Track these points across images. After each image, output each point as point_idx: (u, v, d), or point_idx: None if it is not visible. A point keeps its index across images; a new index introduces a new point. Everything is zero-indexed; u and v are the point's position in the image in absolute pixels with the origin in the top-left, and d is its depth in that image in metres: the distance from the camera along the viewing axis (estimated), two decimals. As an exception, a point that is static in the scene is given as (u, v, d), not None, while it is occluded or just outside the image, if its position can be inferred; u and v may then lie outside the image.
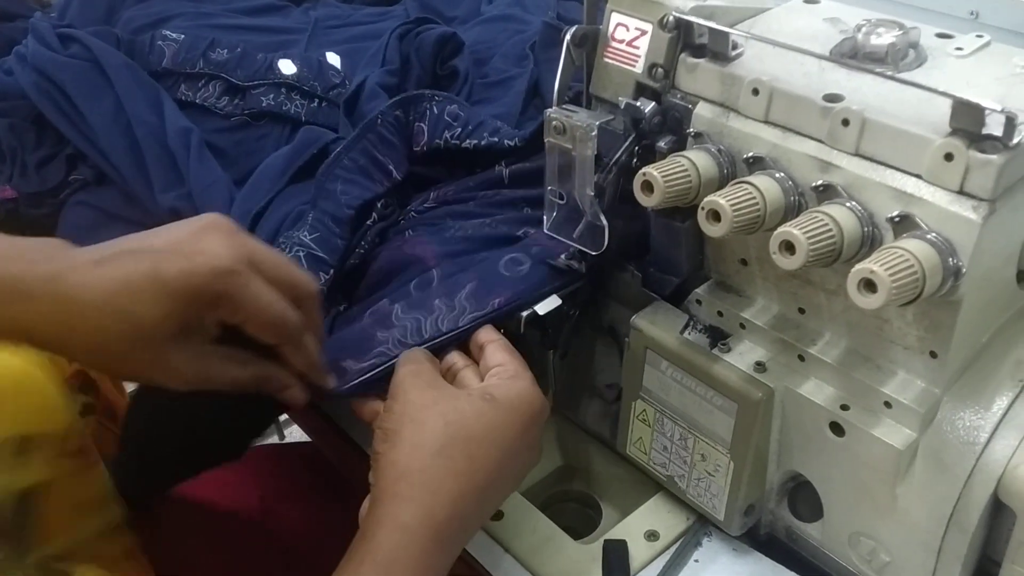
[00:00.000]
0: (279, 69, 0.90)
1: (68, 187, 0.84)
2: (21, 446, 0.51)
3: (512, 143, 0.72)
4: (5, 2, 1.43)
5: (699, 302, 0.57)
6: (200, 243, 0.49)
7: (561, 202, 0.58)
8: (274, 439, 1.71)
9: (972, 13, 0.87)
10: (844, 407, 0.51)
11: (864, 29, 0.50)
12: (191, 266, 0.47)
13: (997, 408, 0.47)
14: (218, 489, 0.83)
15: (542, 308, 0.61)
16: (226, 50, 0.92)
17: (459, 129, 0.73)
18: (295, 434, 1.63)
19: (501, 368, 0.54)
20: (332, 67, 0.97)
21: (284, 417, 1.55)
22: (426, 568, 0.47)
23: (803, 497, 0.56)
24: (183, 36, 0.92)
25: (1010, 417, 0.47)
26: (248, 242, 0.51)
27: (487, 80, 0.97)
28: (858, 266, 0.42)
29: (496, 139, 0.73)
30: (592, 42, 0.57)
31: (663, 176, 0.49)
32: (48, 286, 0.44)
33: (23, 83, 0.85)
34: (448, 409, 0.50)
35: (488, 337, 0.56)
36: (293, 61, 0.92)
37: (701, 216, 0.48)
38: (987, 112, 0.42)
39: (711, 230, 0.48)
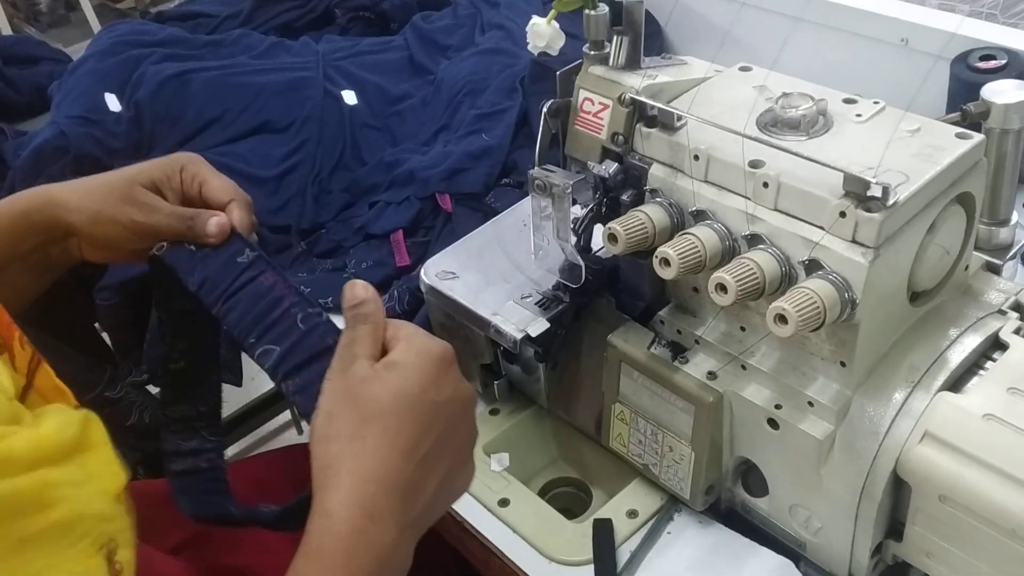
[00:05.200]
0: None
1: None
2: None
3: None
4: (28, 46, 1.54)
5: (662, 322, 0.70)
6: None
7: (545, 245, 0.71)
8: (292, 432, 1.83)
9: (903, 40, 0.99)
10: (778, 406, 0.63)
11: (781, 102, 0.62)
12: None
13: (894, 404, 0.60)
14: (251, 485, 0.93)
15: (534, 330, 0.73)
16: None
17: None
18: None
19: (395, 337, 0.54)
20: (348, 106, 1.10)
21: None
22: (361, 546, 0.49)
23: (752, 477, 0.69)
24: None
25: (904, 411, 0.59)
26: None
27: (480, 111, 1.10)
28: (772, 304, 0.54)
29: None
30: (565, 112, 0.69)
31: (625, 230, 0.62)
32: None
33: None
34: (357, 393, 0.52)
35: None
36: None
37: (655, 262, 0.60)
38: (870, 182, 0.54)
39: (663, 273, 0.60)
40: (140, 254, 0.66)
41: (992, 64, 0.89)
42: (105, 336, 1.19)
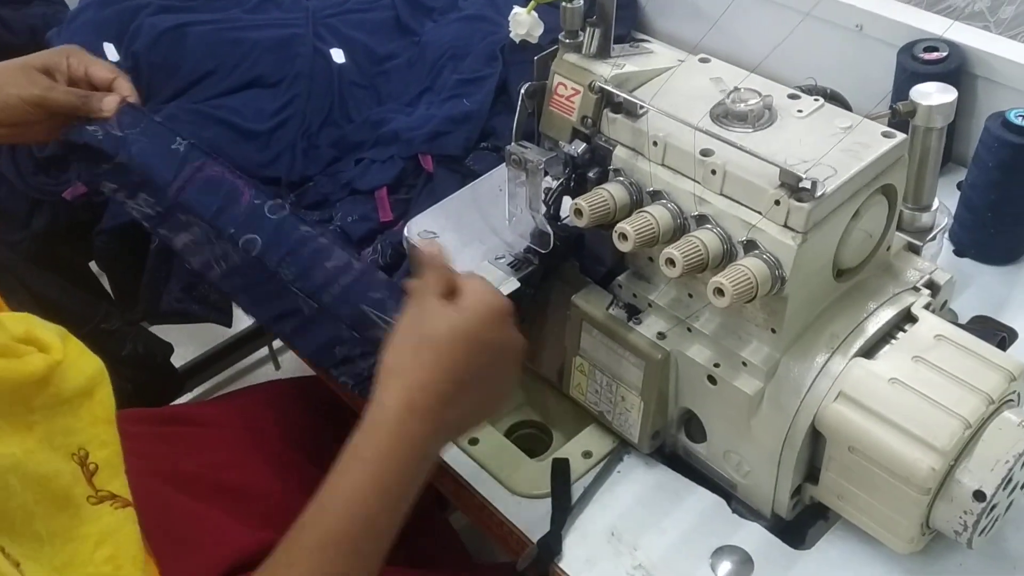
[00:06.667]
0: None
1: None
2: None
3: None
4: (18, -15, 1.56)
5: (620, 286, 0.78)
6: None
7: (519, 212, 0.78)
8: (269, 367, 1.89)
9: (858, 26, 1.06)
10: (716, 365, 0.72)
11: (732, 96, 0.70)
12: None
13: (816, 367, 0.69)
14: (227, 416, 0.99)
15: (506, 288, 0.81)
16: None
17: None
18: (288, 360, 1.79)
19: (465, 285, 0.66)
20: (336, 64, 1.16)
21: (279, 344, 1.72)
22: (402, 432, 0.62)
23: (693, 426, 0.78)
24: None
25: (824, 373, 0.69)
26: None
27: (462, 77, 1.16)
28: (712, 279, 0.63)
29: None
30: (541, 94, 0.77)
31: (589, 206, 0.70)
32: None
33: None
34: (423, 320, 0.65)
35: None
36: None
37: (614, 236, 0.68)
38: (801, 177, 0.62)
39: (621, 246, 0.68)
40: (39, 132, 0.82)
41: (934, 56, 0.97)
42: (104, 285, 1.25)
